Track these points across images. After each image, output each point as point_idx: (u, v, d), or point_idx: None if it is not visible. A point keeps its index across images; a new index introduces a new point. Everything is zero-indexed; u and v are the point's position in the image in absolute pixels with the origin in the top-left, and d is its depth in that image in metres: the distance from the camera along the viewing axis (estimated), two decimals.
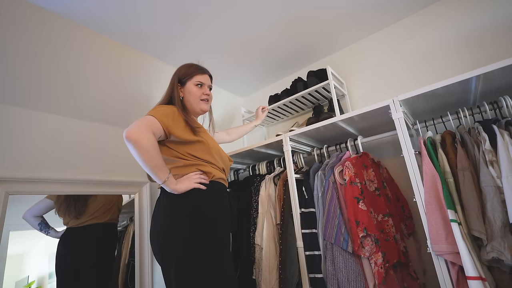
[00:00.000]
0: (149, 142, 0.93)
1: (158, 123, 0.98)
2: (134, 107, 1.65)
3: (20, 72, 1.22)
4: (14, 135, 1.17)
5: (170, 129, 1.01)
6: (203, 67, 1.24)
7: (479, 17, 1.47)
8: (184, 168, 1.06)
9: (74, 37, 1.44)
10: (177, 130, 1.03)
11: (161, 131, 1.00)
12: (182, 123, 1.07)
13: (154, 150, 0.94)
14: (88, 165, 1.37)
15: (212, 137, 1.21)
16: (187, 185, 1.01)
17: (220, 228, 1.03)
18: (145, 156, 0.93)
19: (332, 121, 1.31)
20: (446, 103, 1.23)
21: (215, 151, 1.14)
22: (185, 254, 0.94)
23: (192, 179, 1.03)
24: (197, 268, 0.92)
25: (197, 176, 1.04)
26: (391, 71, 1.73)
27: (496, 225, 0.86)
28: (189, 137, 1.06)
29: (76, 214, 1.40)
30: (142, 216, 1.53)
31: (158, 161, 0.96)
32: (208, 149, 1.10)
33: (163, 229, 1.00)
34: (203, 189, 1.04)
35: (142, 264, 1.46)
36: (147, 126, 0.94)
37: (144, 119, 0.97)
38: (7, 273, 1.17)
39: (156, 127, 0.98)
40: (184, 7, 1.42)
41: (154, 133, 0.96)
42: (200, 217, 1.00)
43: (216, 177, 1.11)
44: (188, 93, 1.18)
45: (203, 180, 1.05)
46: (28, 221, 1.31)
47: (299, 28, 1.69)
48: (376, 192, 1.22)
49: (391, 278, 1.08)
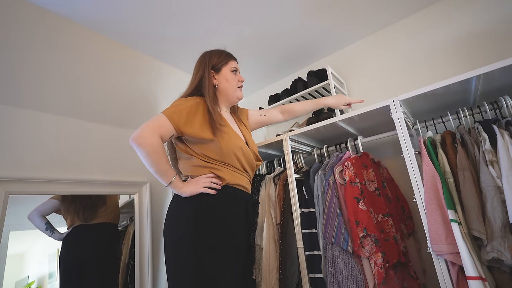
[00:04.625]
0: (151, 147, 0.90)
1: (168, 122, 0.94)
2: (133, 107, 1.65)
3: (18, 71, 1.22)
4: (14, 135, 1.16)
5: (181, 128, 0.96)
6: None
7: (479, 17, 1.47)
8: (198, 169, 0.99)
9: (74, 37, 1.44)
10: (190, 128, 0.96)
11: (172, 131, 0.95)
12: (200, 118, 0.98)
13: (156, 155, 0.92)
14: (88, 165, 1.37)
15: (235, 132, 1.07)
16: (193, 189, 0.95)
17: (222, 238, 0.93)
18: (146, 160, 0.92)
19: (332, 121, 1.31)
20: (446, 103, 1.23)
21: (233, 150, 1.01)
22: (180, 261, 0.90)
23: (201, 183, 0.95)
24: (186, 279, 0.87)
25: (207, 179, 0.96)
26: (391, 71, 1.73)
27: (496, 225, 0.86)
28: (204, 134, 0.97)
29: (85, 219, 1.40)
30: (142, 216, 1.53)
31: (160, 166, 0.93)
32: (224, 149, 0.99)
33: (168, 231, 0.97)
34: (211, 193, 0.95)
35: (142, 264, 1.46)
36: (152, 129, 0.92)
37: (152, 121, 0.94)
38: (7, 273, 1.17)
39: (166, 127, 0.94)
40: (183, 7, 1.42)
41: (161, 134, 0.93)
42: (200, 224, 0.92)
43: (232, 183, 1.00)
44: (226, 80, 1.09)
45: (214, 184, 0.97)
46: (34, 220, 1.29)
47: (299, 28, 1.69)
48: (376, 192, 1.22)
49: (391, 278, 1.08)
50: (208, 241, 0.91)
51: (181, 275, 0.89)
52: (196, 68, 1.12)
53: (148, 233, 1.50)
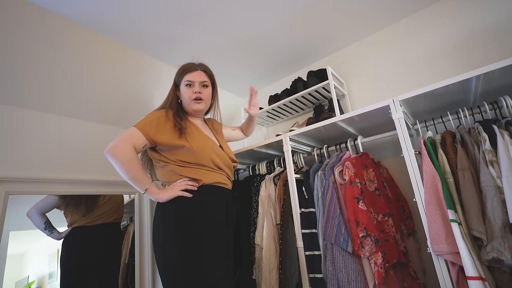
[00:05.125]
0: (125, 156, 0.97)
1: (140, 133, 1.02)
2: (133, 107, 1.65)
3: (19, 71, 1.22)
4: (14, 135, 1.16)
5: (152, 137, 1.03)
6: (194, 63, 1.21)
7: (479, 16, 1.47)
8: (174, 174, 1.06)
9: (73, 36, 1.44)
10: (160, 137, 1.04)
11: (144, 141, 1.03)
12: (169, 127, 1.08)
13: (129, 163, 0.98)
14: (88, 165, 1.37)
15: (206, 135, 1.16)
16: (171, 194, 1.02)
17: (204, 237, 1.00)
18: (121, 169, 0.98)
19: (332, 121, 1.31)
20: (446, 103, 1.23)
21: (206, 151, 1.09)
22: (169, 262, 0.96)
23: (177, 187, 1.03)
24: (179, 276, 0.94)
25: (183, 183, 1.03)
26: (391, 71, 1.73)
27: (496, 225, 0.86)
28: (175, 141, 1.05)
29: (86, 212, 1.40)
30: (142, 216, 1.53)
31: (135, 174, 0.99)
32: (196, 151, 1.06)
33: (154, 236, 1.05)
34: (188, 196, 1.02)
35: (142, 264, 1.46)
36: (125, 140, 0.99)
37: (125, 133, 1.02)
38: (7, 273, 1.17)
39: (138, 138, 1.01)
40: (183, 7, 1.42)
41: (135, 145, 1.00)
42: (183, 226, 0.99)
43: (208, 182, 1.07)
44: (182, 94, 1.18)
45: (190, 187, 1.04)
46: (33, 218, 1.29)
47: (299, 28, 1.69)
48: (376, 192, 1.22)
49: (391, 278, 1.08)
50: (191, 241, 0.97)
51: (172, 278, 0.95)
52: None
53: (148, 233, 1.50)
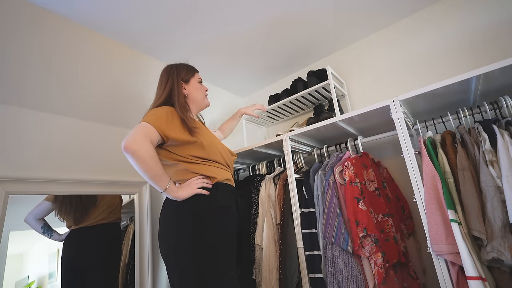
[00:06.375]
0: (147, 152, 0.92)
1: (153, 129, 0.96)
2: (133, 107, 1.65)
3: (18, 71, 1.22)
4: (13, 135, 1.16)
5: (165, 133, 0.99)
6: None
7: (480, 16, 1.47)
8: (186, 173, 1.04)
9: (73, 36, 1.44)
10: (173, 132, 1.01)
11: (158, 136, 0.98)
12: (178, 123, 1.04)
13: (152, 160, 0.93)
14: (88, 165, 1.37)
15: (211, 132, 1.19)
16: (189, 192, 0.99)
17: (221, 235, 1.00)
18: (143, 166, 0.92)
19: (332, 121, 1.31)
20: (446, 103, 1.23)
21: (216, 147, 1.11)
22: (184, 262, 0.94)
23: (193, 185, 1.00)
24: (196, 275, 0.92)
25: (199, 181, 1.02)
26: (391, 71, 1.73)
27: (496, 225, 0.86)
28: (186, 137, 1.03)
29: (78, 217, 1.39)
30: (142, 216, 1.53)
31: (157, 171, 0.95)
32: (207, 147, 1.07)
33: (165, 234, 1.01)
34: (206, 194, 1.01)
35: (142, 264, 1.46)
36: (143, 135, 0.93)
37: (140, 128, 0.95)
38: (7, 273, 1.17)
39: (153, 133, 0.96)
40: (183, 6, 1.42)
41: (151, 140, 0.95)
42: (200, 224, 0.97)
43: (221, 179, 1.07)
44: (195, 89, 1.21)
45: (206, 184, 1.02)
46: (31, 224, 1.29)
47: (299, 28, 1.69)
48: (376, 192, 1.22)
49: (391, 278, 1.08)
50: (208, 239, 0.96)
51: (187, 278, 0.92)
52: (164, 80, 1.18)
53: (148, 233, 1.50)
